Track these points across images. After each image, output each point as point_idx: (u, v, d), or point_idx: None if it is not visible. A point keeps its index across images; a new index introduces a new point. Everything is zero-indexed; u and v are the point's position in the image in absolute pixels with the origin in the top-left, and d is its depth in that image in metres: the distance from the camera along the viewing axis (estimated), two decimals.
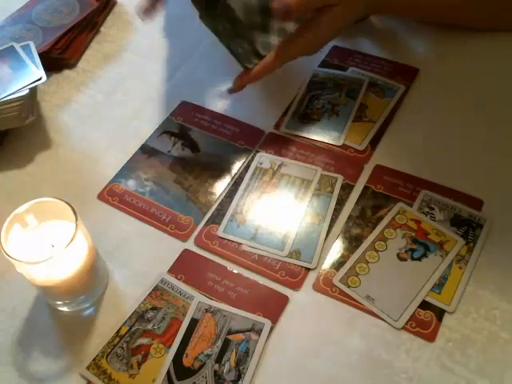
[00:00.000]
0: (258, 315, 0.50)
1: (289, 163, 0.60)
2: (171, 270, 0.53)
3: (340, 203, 0.57)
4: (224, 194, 0.59)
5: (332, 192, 0.58)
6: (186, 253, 0.55)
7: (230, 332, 0.49)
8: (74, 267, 0.47)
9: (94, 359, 0.48)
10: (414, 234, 0.54)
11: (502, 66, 0.67)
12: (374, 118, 0.64)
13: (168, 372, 0.47)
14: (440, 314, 0.49)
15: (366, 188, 0.58)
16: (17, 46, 0.66)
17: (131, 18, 0.79)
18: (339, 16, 0.58)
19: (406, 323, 0.49)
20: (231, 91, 0.62)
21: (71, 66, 0.73)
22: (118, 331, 0.49)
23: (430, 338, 0.48)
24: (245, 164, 0.61)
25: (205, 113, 0.66)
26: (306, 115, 0.65)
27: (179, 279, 0.52)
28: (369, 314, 0.50)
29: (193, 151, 0.63)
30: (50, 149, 0.64)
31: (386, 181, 0.58)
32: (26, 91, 0.60)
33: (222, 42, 0.60)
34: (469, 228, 0.54)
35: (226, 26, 0.59)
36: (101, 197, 0.59)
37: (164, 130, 0.65)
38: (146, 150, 0.63)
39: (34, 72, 0.62)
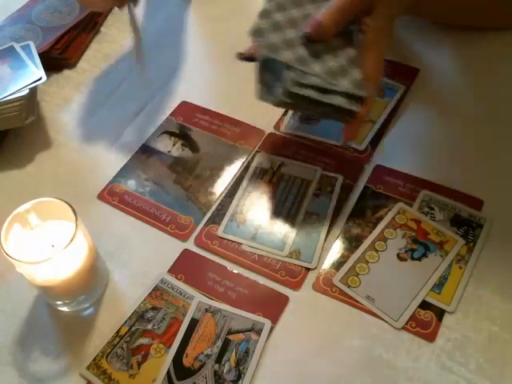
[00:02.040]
0: (258, 315, 0.50)
1: (289, 163, 0.60)
2: (171, 270, 0.53)
3: (340, 203, 0.57)
4: (224, 194, 0.59)
5: (332, 192, 0.58)
6: (186, 253, 0.55)
7: (230, 332, 0.49)
8: (74, 267, 0.47)
9: (94, 359, 0.48)
10: (414, 234, 0.54)
11: (503, 66, 0.67)
12: (374, 118, 0.64)
13: (168, 372, 0.47)
14: (440, 314, 0.49)
15: (365, 188, 0.58)
16: (17, 46, 0.66)
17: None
18: (383, 15, 0.52)
19: (406, 323, 0.49)
20: (346, 141, 0.55)
21: (71, 65, 0.73)
22: (117, 331, 0.49)
23: (430, 338, 0.48)
24: (245, 164, 0.61)
25: (205, 113, 0.66)
26: (305, 115, 0.65)
27: (179, 279, 0.52)
28: (369, 314, 0.50)
29: (193, 151, 0.63)
30: (50, 149, 0.64)
31: (386, 181, 0.58)
32: (25, 91, 0.60)
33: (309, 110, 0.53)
34: (469, 228, 0.54)
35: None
36: (101, 197, 0.59)
37: (164, 130, 0.65)
38: (146, 150, 0.63)
39: (34, 72, 0.62)
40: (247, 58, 0.55)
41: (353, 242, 0.54)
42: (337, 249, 0.54)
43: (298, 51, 0.50)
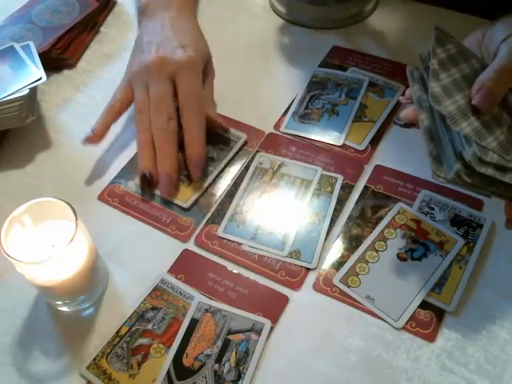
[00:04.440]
0: (258, 315, 0.50)
1: (289, 163, 0.60)
2: (171, 270, 0.53)
3: (340, 203, 0.57)
4: (224, 194, 0.59)
5: (332, 192, 0.58)
6: (185, 253, 0.55)
7: (230, 332, 0.49)
8: (74, 267, 0.47)
9: (94, 359, 0.48)
10: (413, 234, 0.54)
11: None
12: (374, 118, 0.64)
13: (168, 372, 0.47)
14: (440, 314, 0.49)
15: (366, 188, 0.58)
16: (17, 46, 0.66)
17: (131, 18, 0.79)
18: None
19: (406, 323, 0.49)
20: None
21: (71, 65, 0.73)
22: (118, 331, 0.49)
23: (430, 338, 0.48)
24: (245, 164, 0.61)
25: None
26: (305, 115, 0.65)
27: (179, 279, 0.52)
28: (369, 314, 0.50)
29: None
30: (50, 149, 0.64)
31: (386, 181, 0.58)
32: (25, 91, 0.60)
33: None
34: (469, 228, 0.54)
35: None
36: (101, 198, 0.59)
37: None
38: None
39: (34, 72, 0.62)
40: (407, 124, 0.50)
41: (353, 242, 0.54)
42: (337, 249, 0.54)
43: (473, 121, 0.44)
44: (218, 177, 0.60)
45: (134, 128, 0.59)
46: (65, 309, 0.51)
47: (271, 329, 0.49)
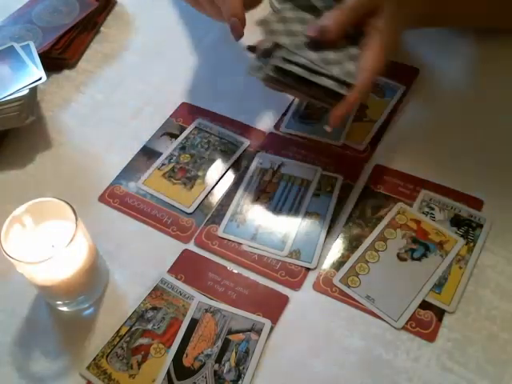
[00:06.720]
0: (258, 315, 0.50)
1: (289, 163, 0.60)
2: (171, 270, 0.53)
3: (340, 203, 0.57)
4: (224, 194, 0.59)
5: (332, 192, 0.58)
6: (186, 253, 0.55)
7: (230, 332, 0.49)
8: (74, 267, 0.47)
9: (94, 359, 0.48)
10: (414, 234, 0.54)
11: (502, 66, 0.67)
12: (374, 118, 0.64)
13: (168, 372, 0.47)
14: (440, 314, 0.49)
15: (366, 188, 0.58)
16: (17, 46, 0.66)
17: (131, 18, 0.79)
18: (388, 18, 0.52)
19: (406, 323, 0.49)
20: (331, 126, 0.53)
21: (71, 65, 0.73)
22: (118, 331, 0.49)
23: (430, 338, 0.48)
24: (245, 164, 0.61)
25: (205, 114, 0.66)
26: (305, 115, 0.65)
27: (179, 279, 0.52)
28: (369, 314, 0.50)
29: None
30: (51, 149, 0.64)
31: (386, 181, 0.58)
32: (25, 91, 0.60)
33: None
34: (469, 228, 0.54)
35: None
36: (102, 199, 0.59)
37: (165, 132, 0.65)
38: (147, 152, 0.63)
39: (34, 72, 0.62)
40: (252, 48, 0.56)
41: (353, 242, 0.54)
42: (337, 249, 0.54)
43: (298, 39, 0.51)
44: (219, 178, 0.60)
45: None
46: (65, 309, 0.51)
47: (271, 329, 0.49)
